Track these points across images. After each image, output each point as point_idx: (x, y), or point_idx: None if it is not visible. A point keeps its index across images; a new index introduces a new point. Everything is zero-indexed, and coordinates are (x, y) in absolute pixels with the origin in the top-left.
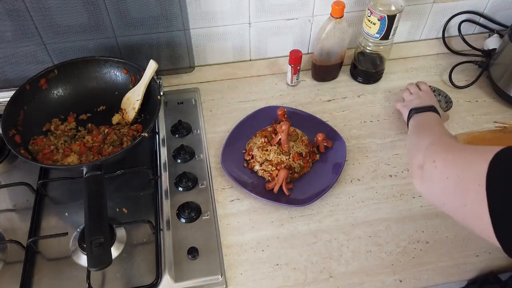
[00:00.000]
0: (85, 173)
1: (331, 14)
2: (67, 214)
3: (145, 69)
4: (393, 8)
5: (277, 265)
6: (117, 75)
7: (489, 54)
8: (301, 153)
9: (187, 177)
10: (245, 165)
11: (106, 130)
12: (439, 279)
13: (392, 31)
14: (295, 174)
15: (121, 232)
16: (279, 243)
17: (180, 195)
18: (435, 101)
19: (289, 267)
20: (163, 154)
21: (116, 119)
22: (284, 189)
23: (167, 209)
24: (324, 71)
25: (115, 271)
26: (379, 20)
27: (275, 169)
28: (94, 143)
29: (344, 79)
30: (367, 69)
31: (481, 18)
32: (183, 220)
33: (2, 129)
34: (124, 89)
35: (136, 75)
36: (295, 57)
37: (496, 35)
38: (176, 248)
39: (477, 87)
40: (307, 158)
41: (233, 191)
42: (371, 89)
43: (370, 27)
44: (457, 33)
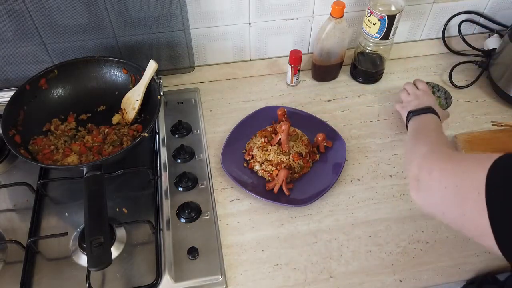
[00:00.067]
0: (85, 173)
1: (331, 14)
2: (67, 214)
3: (145, 69)
4: (393, 8)
5: (277, 265)
6: (117, 75)
7: (489, 54)
8: (301, 153)
9: (187, 177)
10: (245, 165)
11: (106, 130)
12: (439, 279)
13: (392, 31)
14: (295, 174)
15: (121, 232)
16: (279, 243)
17: (180, 195)
18: (433, 101)
19: (289, 267)
20: (163, 154)
21: (116, 119)
22: (284, 189)
23: (167, 209)
24: (324, 71)
25: (115, 271)
26: (379, 20)
27: (275, 169)
28: (94, 143)
29: (344, 79)
30: (367, 69)
31: (481, 18)
32: (183, 220)
33: (2, 129)
34: (124, 89)
35: (136, 75)
36: (295, 57)
37: (496, 35)
38: (176, 248)
39: (477, 87)
40: (307, 158)
41: (233, 191)
42: (371, 89)
43: (370, 27)
44: (457, 33)
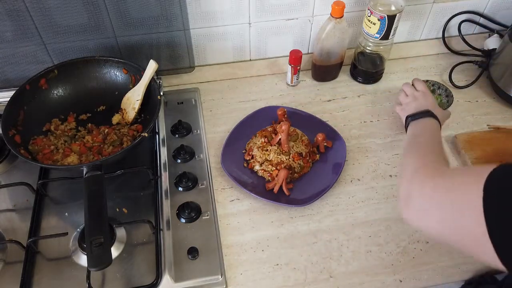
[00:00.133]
0: (85, 173)
1: (331, 14)
2: (67, 214)
3: (145, 69)
4: (393, 8)
5: (277, 265)
6: (117, 75)
7: (489, 54)
8: (301, 153)
9: (187, 177)
10: (245, 165)
11: (106, 130)
12: (439, 279)
13: (392, 31)
14: (295, 174)
15: (121, 232)
16: (279, 243)
17: (180, 195)
18: (432, 102)
19: (289, 267)
20: (163, 154)
21: (116, 119)
22: (284, 189)
23: (167, 209)
24: (324, 71)
25: (115, 271)
26: (379, 20)
27: (275, 169)
28: (94, 143)
29: (344, 79)
30: (367, 69)
31: (481, 18)
32: (183, 220)
33: (2, 129)
34: (124, 89)
35: (136, 75)
36: (295, 57)
37: (496, 35)
38: (176, 248)
39: (477, 87)
40: (307, 158)
41: (233, 191)
42: (371, 89)
43: (370, 27)
44: (457, 33)
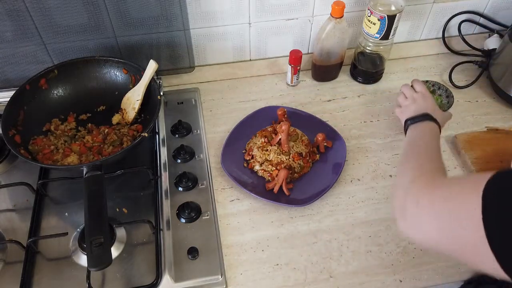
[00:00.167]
0: (85, 173)
1: (331, 14)
2: (67, 214)
3: (145, 69)
4: (393, 8)
5: (277, 265)
6: (117, 75)
7: (489, 54)
8: (301, 153)
9: (187, 177)
10: (245, 165)
11: (106, 130)
12: (439, 279)
13: (392, 31)
14: (295, 174)
15: (121, 232)
16: (279, 243)
17: (180, 195)
18: (431, 103)
19: (289, 267)
20: (163, 154)
21: (116, 119)
22: (284, 189)
23: (167, 209)
24: (324, 71)
25: (115, 271)
26: (379, 20)
27: (275, 169)
28: (94, 143)
29: (344, 79)
30: (367, 69)
31: (481, 18)
32: (183, 220)
33: (2, 129)
34: (124, 89)
35: (136, 75)
36: (295, 57)
37: (496, 35)
38: (176, 248)
39: (477, 87)
40: (307, 158)
41: (233, 191)
42: (371, 89)
43: (370, 27)
44: (457, 33)
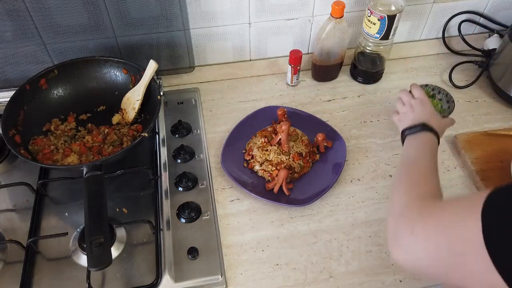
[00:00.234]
0: (85, 173)
1: (331, 14)
2: (67, 214)
3: (145, 69)
4: (393, 8)
5: (277, 265)
6: (117, 75)
7: (489, 54)
8: (301, 153)
9: (187, 177)
10: (245, 165)
11: (106, 130)
12: None
13: (392, 31)
14: (295, 174)
15: (121, 232)
16: (279, 243)
17: (180, 195)
18: (429, 111)
19: (289, 267)
20: (163, 154)
21: (116, 119)
22: (284, 189)
23: (167, 209)
24: (324, 71)
25: (115, 271)
26: (379, 20)
27: (275, 169)
28: (94, 143)
29: (344, 79)
30: (367, 69)
31: (481, 18)
32: (183, 220)
33: (2, 129)
34: (124, 89)
35: (136, 75)
36: (295, 57)
37: (496, 35)
38: (176, 248)
39: (477, 87)
40: (307, 158)
41: (233, 191)
42: (371, 89)
43: (370, 27)
44: (457, 33)
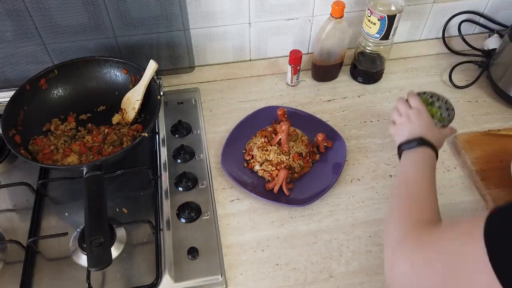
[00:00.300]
0: (85, 173)
1: (331, 14)
2: (67, 214)
3: (145, 69)
4: (393, 8)
5: (277, 265)
6: (117, 75)
7: (489, 54)
8: (301, 153)
9: (187, 177)
10: (245, 165)
11: (106, 130)
12: None
13: (392, 31)
14: (295, 174)
15: (121, 232)
16: (279, 243)
17: (180, 195)
18: (426, 122)
19: (289, 267)
20: (163, 154)
21: (116, 119)
22: (284, 189)
23: (167, 209)
24: (324, 71)
25: (115, 271)
26: (379, 20)
27: (275, 169)
28: (94, 143)
29: (344, 79)
30: (367, 69)
31: (481, 18)
32: (183, 220)
33: (2, 129)
34: (124, 89)
35: (136, 75)
36: (295, 57)
37: (496, 35)
38: (176, 248)
39: (477, 87)
40: (307, 158)
41: (233, 191)
42: (371, 89)
43: (370, 27)
44: (457, 33)
